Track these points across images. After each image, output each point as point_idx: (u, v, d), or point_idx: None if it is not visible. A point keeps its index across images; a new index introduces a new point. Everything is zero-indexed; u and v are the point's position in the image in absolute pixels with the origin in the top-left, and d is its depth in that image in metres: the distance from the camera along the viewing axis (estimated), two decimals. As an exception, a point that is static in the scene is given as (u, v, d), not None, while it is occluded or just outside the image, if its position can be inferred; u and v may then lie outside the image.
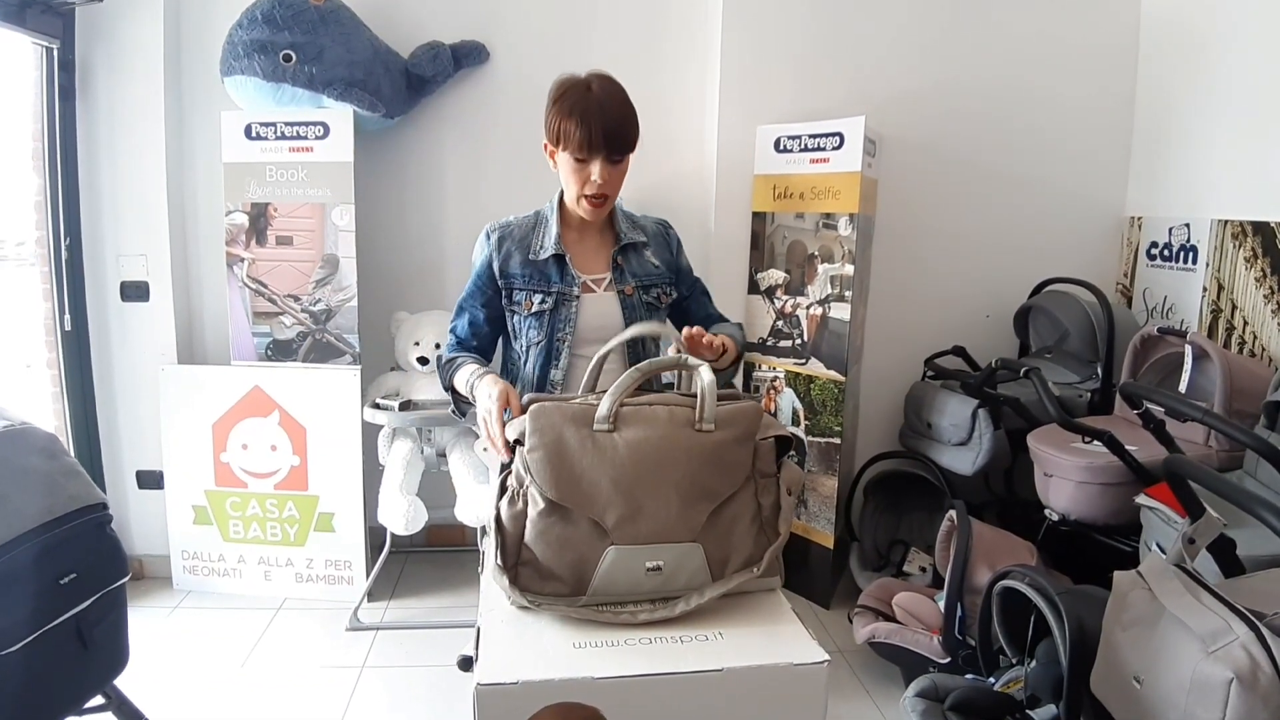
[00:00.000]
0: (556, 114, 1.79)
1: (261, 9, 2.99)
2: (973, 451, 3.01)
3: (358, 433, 3.23)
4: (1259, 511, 1.58)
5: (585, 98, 1.77)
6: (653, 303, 1.97)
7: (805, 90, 3.38)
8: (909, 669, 2.59)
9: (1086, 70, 3.52)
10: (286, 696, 2.70)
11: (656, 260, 1.99)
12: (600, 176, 1.81)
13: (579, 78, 1.81)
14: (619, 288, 1.93)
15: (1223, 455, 2.57)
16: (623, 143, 1.82)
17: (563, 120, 1.77)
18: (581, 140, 1.76)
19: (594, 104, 1.77)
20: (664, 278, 1.99)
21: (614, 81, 1.83)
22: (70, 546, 1.90)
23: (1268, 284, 2.83)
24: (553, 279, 1.90)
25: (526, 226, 1.96)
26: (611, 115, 1.78)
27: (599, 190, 1.83)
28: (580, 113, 1.76)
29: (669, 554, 1.40)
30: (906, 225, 3.51)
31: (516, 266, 1.91)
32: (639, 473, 1.40)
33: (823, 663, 1.28)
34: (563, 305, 1.90)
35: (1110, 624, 1.61)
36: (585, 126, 1.75)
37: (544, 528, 1.41)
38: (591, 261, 1.95)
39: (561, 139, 1.79)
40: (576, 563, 1.40)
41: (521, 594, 1.40)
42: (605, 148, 1.79)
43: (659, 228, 2.06)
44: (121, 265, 3.32)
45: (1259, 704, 1.30)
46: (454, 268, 3.56)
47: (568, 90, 1.79)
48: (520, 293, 1.91)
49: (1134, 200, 3.57)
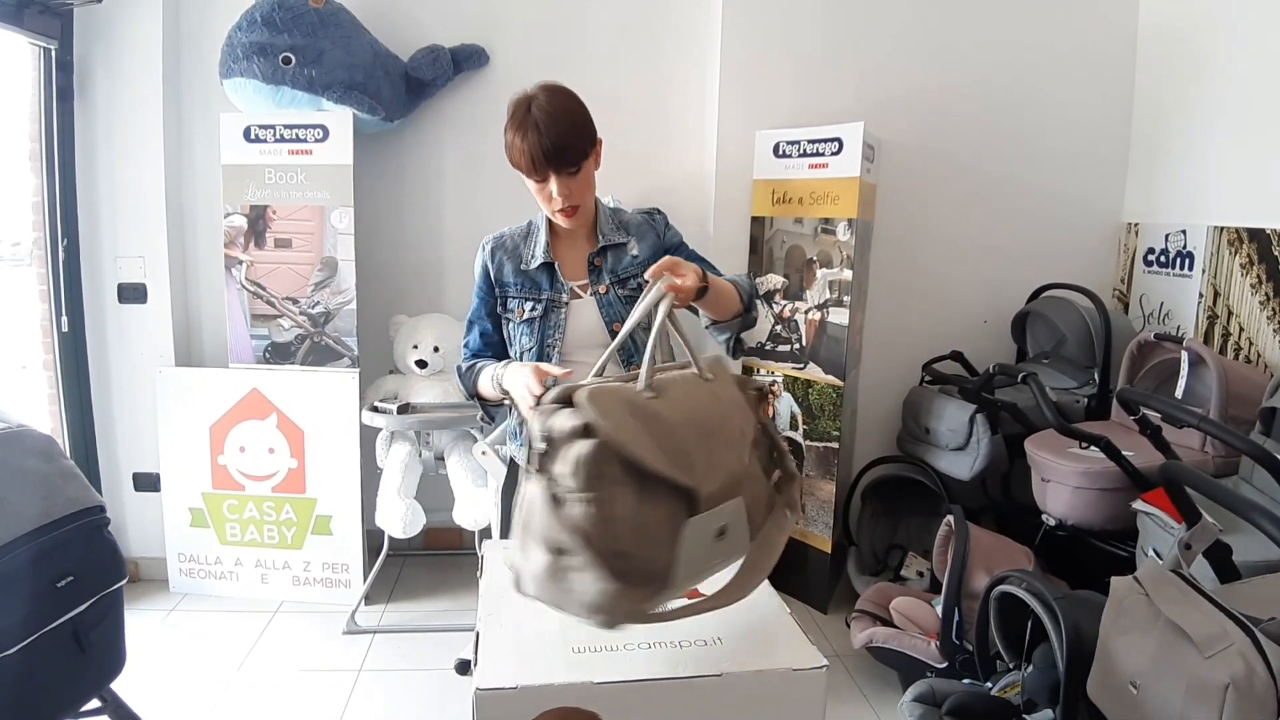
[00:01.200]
0: (507, 136, 1.78)
1: (261, 11, 3.00)
2: (970, 456, 3.02)
3: (356, 436, 3.22)
4: (1254, 518, 1.58)
5: (525, 119, 1.75)
6: (632, 295, 1.92)
7: (804, 95, 3.39)
8: (906, 674, 2.59)
9: (1084, 77, 3.53)
10: (283, 700, 2.70)
11: (638, 251, 1.95)
12: (560, 191, 1.79)
13: (523, 95, 1.79)
14: (594, 289, 1.93)
15: (1219, 461, 2.57)
16: (570, 156, 1.77)
17: (510, 143, 1.77)
18: (529, 163, 1.76)
19: (532, 124, 1.73)
20: (644, 265, 1.88)
21: (556, 93, 1.79)
22: (67, 549, 1.90)
23: (1263, 290, 2.83)
24: (543, 286, 1.91)
25: (518, 236, 1.97)
26: (553, 131, 1.74)
27: (565, 204, 1.82)
28: (522, 135, 1.74)
29: (729, 513, 1.24)
30: (905, 230, 3.51)
31: (509, 275, 1.93)
32: (698, 431, 1.24)
33: (822, 667, 1.28)
34: (552, 312, 1.90)
35: (1107, 629, 1.62)
36: (528, 148, 1.74)
37: (639, 517, 1.15)
38: (575, 268, 1.94)
39: (513, 162, 1.80)
40: (663, 548, 1.19)
41: (650, 611, 1.20)
42: (551, 165, 1.76)
43: (644, 218, 2.02)
44: (119, 267, 3.32)
45: (1255, 709, 1.30)
46: (453, 271, 3.56)
47: (513, 111, 1.78)
48: (513, 300, 1.93)
49: (1131, 206, 3.57)
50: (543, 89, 1.79)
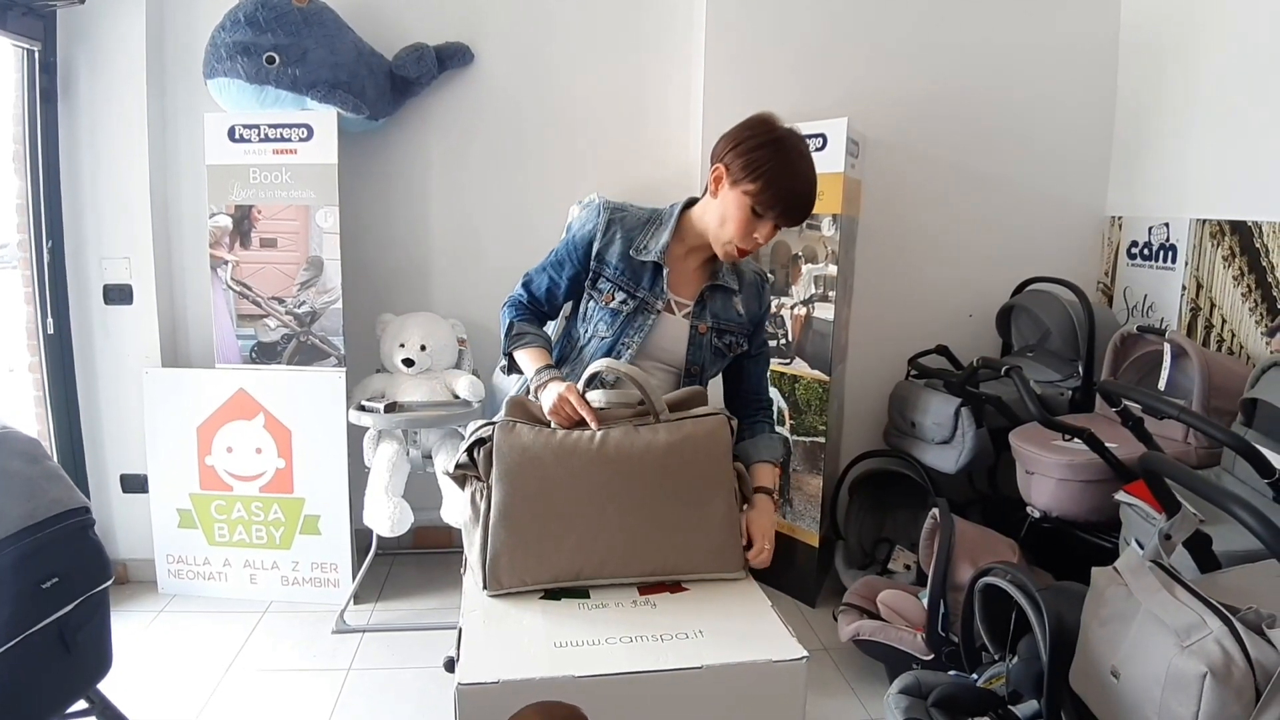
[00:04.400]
0: (759, 161, 1.72)
1: (244, 11, 2.99)
2: (956, 450, 3.03)
3: (343, 435, 3.22)
4: (1231, 507, 1.60)
5: (798, 163, 1.73)
6: (722, 348, 1.92)
7: (788, 92, 3.39)
8: (893, 666, 2.60)
9: (1067, 73, 3.55)
10: (272, 699, 2.70)
11: (742, 309, 1.94)
12: (764, 236, 1.77)
13: (785, 131, 1.76)
14: (695, 322, 1.89)
15: (1202, 452, 2.59)
16: (804, 219, 1.80)
17: (766, 173, 1.71)
18: (780, 207, 1.73)
19: (802, 174, 1.73)
20: (744, 328, 1.94)
21: (810, 151, 1.79)
22: (52, 551, 1.89)
23: (1245, 282, 2.85)
24: (643, 283, 1.86)
25: (639, 221, 1.91)
26: (810, 189, 1.75)
27: (755, 246, 1.81)
28: (790, 178, 1.72)
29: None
30: (890, 226, 3.53)
31: (615, 256, 1.87)
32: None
33: (801, 659, 1.29)
34: (641, 313, 1.86)
35: (1088, 619, 1.63)
36: (786, 193, 1.72)
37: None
38: (682, 284, 1.90)
39: (753, 186, 1.72)
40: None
41: None
42: (791, 219, 1.76)
43: (756, 278, 2.00)
44: (104, 268, 3.30)
45: (1232, 697, 1.31)
46: (439, 269, 3.56)
47: (778, 142, 1.73)
48: (607, 283, 1.87)
49: (1114, 200, 3.59)
50: (801, 139, 1.78)
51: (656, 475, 1.55)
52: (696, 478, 1.58)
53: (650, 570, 1.54)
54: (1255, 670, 1.32)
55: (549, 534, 1.51)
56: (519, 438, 1.55)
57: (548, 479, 1.53)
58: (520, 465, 1.53)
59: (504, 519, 1.51)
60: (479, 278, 3.53)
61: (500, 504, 1.51)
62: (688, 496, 1.56)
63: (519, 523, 1.51)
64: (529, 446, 1.54)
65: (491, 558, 1.50)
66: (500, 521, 1.51)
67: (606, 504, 1.53)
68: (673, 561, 1.55)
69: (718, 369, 1.97)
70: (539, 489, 1.52)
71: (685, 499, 1.56)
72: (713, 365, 1.93)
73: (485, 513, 1.52)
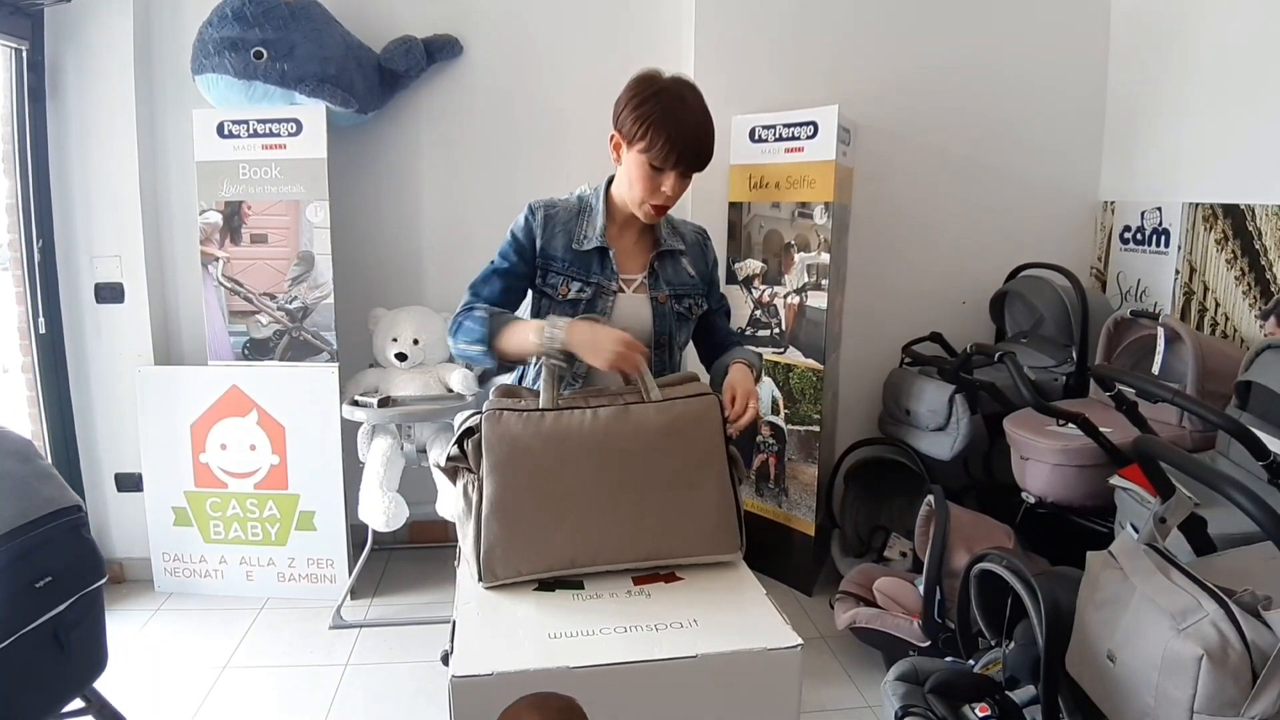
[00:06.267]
0: (643, 115, 1.71)
1: (232, 6, 2.97)
2: (950, 436, 3.03)
3: (337, 430, 3.22)
4: (1226, 490, 1.60)
5: (679, 109, 1.71)
6: (684, 313, 1.92)
7: (780, 80, 3.39)
8: (890, 653, 2.60)
9: (1059, 58, 3.55)
10: (270, 695, 2.70)
11: (692, 270, 1.95)
12: (671, 189, 1.76)
13: (667, 81, 1.75)
14: (652, 294, 1.89)
15: (1196, 436, 2.60)
16: (704, 162, 1.77)
17: (651, 125, 1.70)
18: (668, 153, 1.71)
19: (689, 119, 1.72)
20: (697, 289, 1.95)
21: (701, 94, 1.78)
22: (46, 550, 1.89)
23: (1238, 266, 2.85)
24: (593, 270, 1.86)
25: (571, 211, 1.91)
26: (701, 132, 1.74)
27: (666, 202, 1.80)
28: (674, 125, 1.70)
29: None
30: (882, 213, 3.52)
31: (559, 250, 1.86)
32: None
33: (795, 647, 1.29)
34: (599, 299, 1.85)
35: (1084, 604, 1.63)
36: (675, 140, 1.70)
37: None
38: (629, 260, 1.90)
39: (642, 142, 1.72)
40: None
41: None
42: (688, 164, 1.74)
43: (697, 237, 2.01)
44: (95, 267, 3.29)
45: (1229, 680, 1.31)
46: (431, 262, 3.55)
47: (659, 94, 1.73)
48: (557, 277, 1.86)
49: (1107, 185, 3.59)
50: (688, 85, 1.77)
51: (648, 458, 1.54)
52: (689, 459, 1.57)
53: (645, 555, 1.54)
54: (1251, 652, 1.32)
55: (542, 523, 1.50)
56: (508, 427, 1.53)
57: (539, 468, 1.52)
58: (511, 456, 1.52)
59: (496, 511, 1.50)
60: (471, 271, 3.45)
61: (492, 496, 1.51)
62: (680, 479, 1.55)
63: (512, 514, 1.50)
64: (519, 436, 1.53)
65: (485, 550, 1.49)
66: (493, 513, 1.50)
67: (599, 490, 1.52)
68: (667, 545, 1.55)
69: (686, 335, 1.97)
70: (530, 479, 1.51)
71: (678, 481, 1.55)
72: (680, 332, 1.93)
73: (478, 505, 1.52)
